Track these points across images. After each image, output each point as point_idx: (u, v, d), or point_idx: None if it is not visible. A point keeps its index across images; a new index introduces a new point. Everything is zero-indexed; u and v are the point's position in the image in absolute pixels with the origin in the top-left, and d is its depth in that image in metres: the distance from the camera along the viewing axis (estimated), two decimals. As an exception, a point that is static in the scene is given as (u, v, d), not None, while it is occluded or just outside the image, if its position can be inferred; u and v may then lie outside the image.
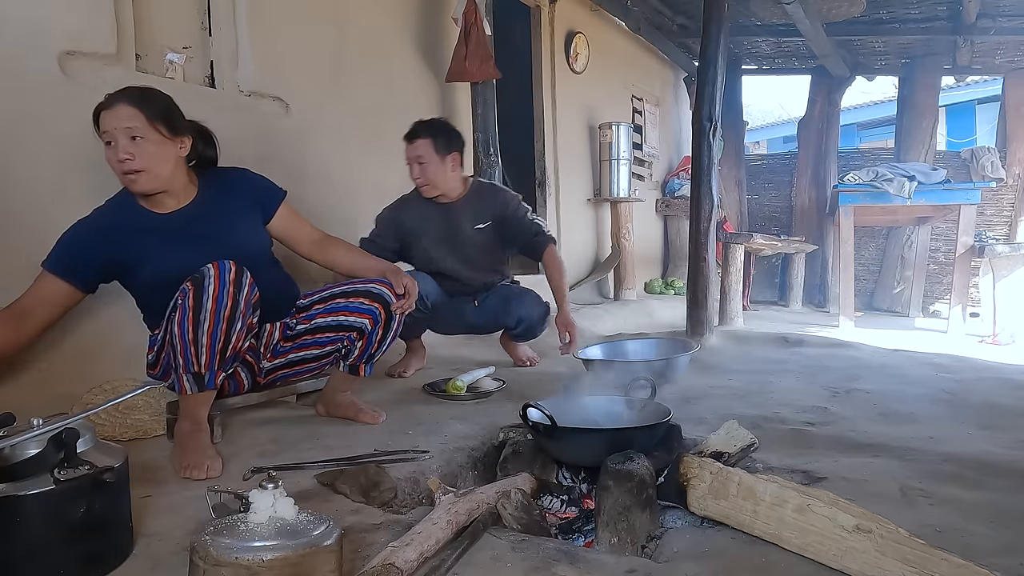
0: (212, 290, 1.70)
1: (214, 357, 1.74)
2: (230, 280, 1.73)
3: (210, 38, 2.80)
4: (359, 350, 2.11)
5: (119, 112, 1.75)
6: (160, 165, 1.80)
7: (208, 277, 1.71)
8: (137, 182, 1.79)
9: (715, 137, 3.82)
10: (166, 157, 1.82)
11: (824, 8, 5.33)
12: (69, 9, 2.24)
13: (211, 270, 1.72)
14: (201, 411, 1.81)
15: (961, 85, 10.14)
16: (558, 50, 5.35)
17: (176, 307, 1.73)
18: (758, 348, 3.91)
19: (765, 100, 15.59)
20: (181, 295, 1.72)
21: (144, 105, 1.77)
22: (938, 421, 2.24)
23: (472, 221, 2.96)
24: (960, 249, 4.75)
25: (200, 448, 1.72)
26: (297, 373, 2.19)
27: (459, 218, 2.96)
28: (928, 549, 1.09)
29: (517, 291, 3.15)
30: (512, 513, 1.37)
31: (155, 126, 1.78)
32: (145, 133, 1.76)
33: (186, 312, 1.70)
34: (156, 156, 1.79)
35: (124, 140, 1.74)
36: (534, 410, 1.68)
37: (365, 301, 2.05)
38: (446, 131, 2.89)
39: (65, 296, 1.84)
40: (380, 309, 2.05)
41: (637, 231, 5.93)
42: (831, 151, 7.57)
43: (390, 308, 2.05)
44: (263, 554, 0.96)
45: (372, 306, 2.04)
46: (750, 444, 1.74)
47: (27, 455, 1.10)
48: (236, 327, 1.76)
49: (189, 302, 1.70)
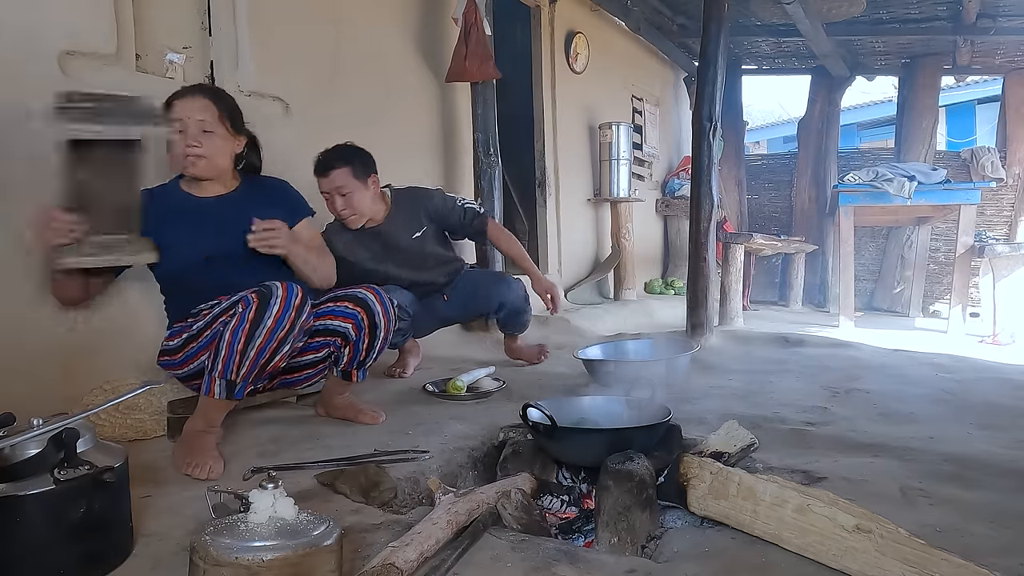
0: (276, 310, 1.74)
1: (253, 371, 1.77)
2: (295, 305, 1.77)
3: (210, 38, 2.80)
4: (347, 356, 2.10)
5: (196, 103, 1.91)
6: (220, 157, 1.96)
7: (276, 296, 1.75)
8: (197, 165, 1.92)
9: (715, 137, 3.82)
10: (226, 151, 1.98)
11: (824, 8, 5.32)
12: (69, 9, 2.24)
13: (279, 290, 1.76)
14: (218, 415, 1.83)
15: (961, 85, 10.13)
16: (558, 50, 5.35)
17: (235, 314, 1.76)
18: (758, 348, 3.91)
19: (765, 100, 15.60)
20: (243, 304, 1.75)
21: (218, 101, 1.95)
22: (938, 421, 2.24)
23: (407, 232, 2.85)
24: (960, 249, 4.75)
25: (206, 448, 1.74)
26: (297, 381, 2.19)
27: (395, 236, 2.82)
28: (928, 549, 1.09)
29: (486, 276, 3.16)
30: (512, 513, 1.37)
31: (223, 121, 1.94)
32: (214, 127, 1.92)
33: (243, 322, 1.73)
34: (219, 148, 1.95)
35: (195, 129, 1.90)
36: (534, 410, 1.69)
37: (349, 305, 2.05)
38: (359, 154, 2.70)
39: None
40: (362, 314, 2.04)
41: (637, 231, 5.93)
42: (831, 151, 7.57)
43: (373, 313, 2.05)
44: (263, 554, 0.96)
45: (354, 310, 2.04)
46: (750, 444, 1.74)
47: (27, 455, 1.10)
48: (284, 350, 1.80)
49: (250, 313, 1.73)
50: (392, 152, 3.68)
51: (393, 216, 2.83)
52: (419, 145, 3.95)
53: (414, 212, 2.87)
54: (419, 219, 2.87)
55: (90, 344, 2.29)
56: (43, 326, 2.18)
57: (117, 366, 2.30)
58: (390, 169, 3.65)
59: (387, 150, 3.64)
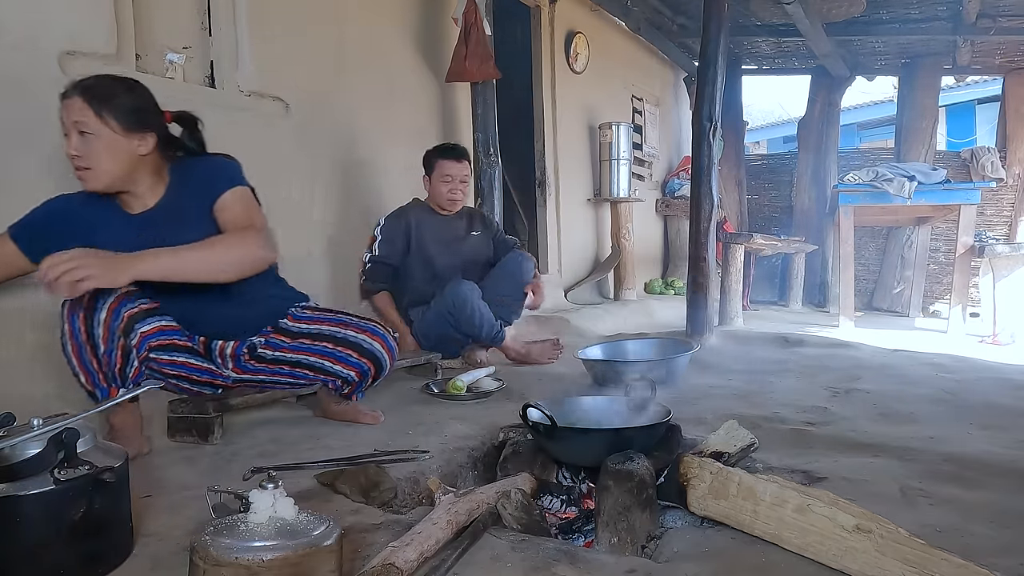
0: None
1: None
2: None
3: (210, 38, 2.80)
4: (350, 389, 2.09)
5: (71, 105, 1.63)
6: (108, 163, 1.67)
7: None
8: (85, 180, 1.68)
9: (715, 137, 3.82)
10: (116, 155, 1.67)
11: (824, 8, 5.33)
12: (69, 9, 2.24)
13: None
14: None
15: (961, 85, 10.13)
16: (558, 50, 5.35)
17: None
18: (758, 348, 3.91)
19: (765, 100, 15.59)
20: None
21: (94, 98, 1.63)
22: (938, 421, 2.24)
23: (468, 229, 3.29)
24: (960, 249, 4.75)
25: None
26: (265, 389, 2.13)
27: (458, 225, 3.26)
28: (928, 549, 1.09)
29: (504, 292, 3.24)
30: (512, 513, 1.37)
31: (105, 121, 1.64)
32: (94, 129, 1.63)
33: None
34: (104, 154, 1.65)
35: (74, 135, 1.64)
36: (534, 410, 1.68)
37: (354, 354, 2.02)
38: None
39: (12, 259, 1.76)
40: (369, 365, 2.04)
41: (637, 231, 5.93)
42: (831, 151, 7.56)
43: (381, 366, 2.05)
44: (263, 554, 0.96)
45: (360, 361, 2.03)
46: (750, 444, 1.74)
47: (27, 455, 1.10)
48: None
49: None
50: (392, 152, 3.68)
51: (460, 214, 3.29)
52: (419, 145, 3.94)
53: (477, 221, 3.35)
54: (479, 226, 3.34)
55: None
56: (43, 326, 2.18)
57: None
58: (390, 169, 3.66)
59: (387, 150, 3.65)
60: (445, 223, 3.22)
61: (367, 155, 3.55)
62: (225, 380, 2.03)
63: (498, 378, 2.72)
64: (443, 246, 3.17)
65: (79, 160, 1.65)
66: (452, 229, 3.23)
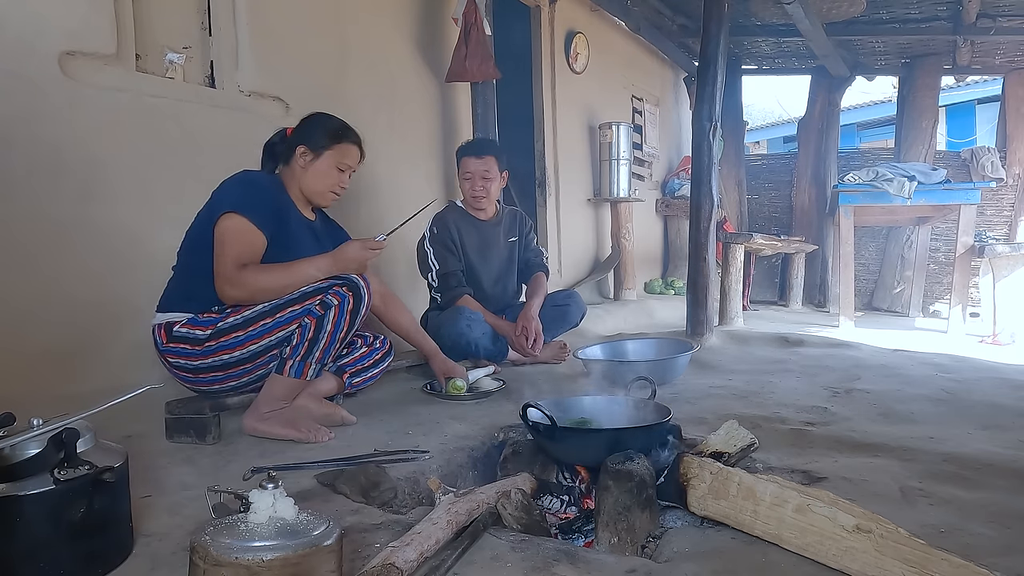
0: (367, 300, 2.05)
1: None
2: (371, 294, 2.08)
3: (210, 38, 2.80)
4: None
5: (358, 154, 2.31)
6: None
7: (364, 289, 2.02)
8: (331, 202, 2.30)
9: (715, 137, 3.82)
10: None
11: (824, 8, 5.33)
12: (69, 9, 2.24)
13: (364, 286, 2.03)
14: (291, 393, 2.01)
15: (961, 85, 10.14)
16: (558, 50, 5.35)
17: (331, 305, 1.96)
18: (758, 348, 3.91)
19: (765, 100, 15.60)
20: (337, 296, 1.97)
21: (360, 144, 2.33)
22: (938, 421, 2.24)
23: (507, 235, 3.26)
24: (960, 249, 4.75)
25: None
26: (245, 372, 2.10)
27: (496, 232, 3.23)
28: (928, 549, 1.09)
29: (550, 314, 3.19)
30: (512, 513, 1.37)
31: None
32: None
33: (343, 314, 1.98)
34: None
35: (347, 175, 2.27)
36: (534, 410, 1.68)
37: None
38: (503, 152, 3.22)
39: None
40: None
41: (637, 231, 5.93)
42: (831, 151, 7.57)
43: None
44: (263, 554, 0.96)
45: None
46: (750, 444, 1.74)
47: (27, 455, 1.10)
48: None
49: (349, 305, 1.99)
50: (392, 152, 3.68)
51: (498, 218, 3.25)
52: (419, 145, 3.95)
53: (513, 225, 3.30)
54: (514, 231, 3.29)
55: (90, 344, 2.29)
56: (44, 326, 2.18)
57: (117, 366, 2.30)
58: (390, 169, 3.66)
59: (387, 150, 3.64)
60: (484, 229, 3.18)
61: (367, 155, 3.54)
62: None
63: (498, 378, 2.72)
64: (481, 255, 3.15)
65: (342, 191, 2.30)
66: (491, 236, 3.20)
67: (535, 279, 3.25)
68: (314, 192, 2.23)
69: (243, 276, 1.96)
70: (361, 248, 2.08)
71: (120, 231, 2.39)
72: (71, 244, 2.25)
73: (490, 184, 3.09)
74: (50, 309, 2.20)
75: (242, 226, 1.98)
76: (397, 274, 3.54)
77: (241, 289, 1.97)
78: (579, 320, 3.33)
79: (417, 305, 3.31)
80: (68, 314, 2.23)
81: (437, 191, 4.04)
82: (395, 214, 3.55)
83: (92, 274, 2.31)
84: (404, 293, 3.50)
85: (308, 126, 2.25)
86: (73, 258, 2.26)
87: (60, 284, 2.22)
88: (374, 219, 3.29)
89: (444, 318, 2.94)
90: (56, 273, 2.21)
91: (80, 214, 2.28)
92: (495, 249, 3.20)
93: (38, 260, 2.18)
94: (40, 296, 2.18)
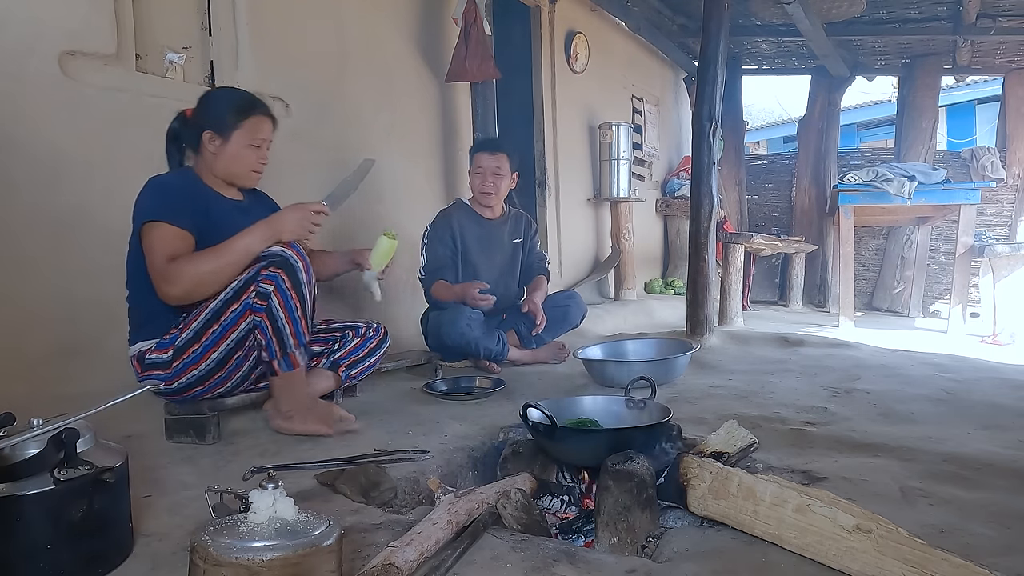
0: (303, 268, 1.91)
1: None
2: (305, 261, 1.94)
3: (210, 38, 2.80)
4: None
5: (271, 124, 2.09)
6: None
7: (296, 258, 1.89)
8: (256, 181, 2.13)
9: (715, 137, 3.82)
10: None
11: (824, 8, 5.32)
12: (69, 9, 2.24)
13: (292, 255, 1.89)
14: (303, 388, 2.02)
15: (961, 85, 10.13)
16: (558, 50, 5.35)
17: (268, 293, 1.86)
18: (758, 348, 3.91)
19: (765, 100, 15.60)
20: (269, 281, 1.86)
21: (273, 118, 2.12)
22: (938, 421, 2.24)
23: (511, 236, 3.28)
24: (960, 249, 4.75)
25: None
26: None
27: (502, 231, 3.24)
28: (928, 549, 1.09)
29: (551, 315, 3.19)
30: (512, 513, 1.37)
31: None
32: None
33: (285, 294, 1.87)
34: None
35: (266, 149, 2.08)
36: (534, 410, 1.68)
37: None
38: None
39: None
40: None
41: (637, 231, 5.93)
42: (831, 151, 7.57)
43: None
44: (263, 554, 0.96)
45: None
46: (750, 444, 1.74)
47: (27, 455, 1.10)
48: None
49: (285, 283, 1.87)
50: (392, 152, 3.68)
51: (504, 218, 3.26)
52: (419, 145, 3.95)
53: (519, 226, 3.31)
54: (519, 232, 3.31)
55: (90, 344, 2.29)
56: (44, 326, 2.18)
57: (117, 366, 2.29)
58: (390, 169, 3.66)
59: (387, 150, 3.64)
60: (488, 227, 3.19)
61: (367, 155, 3.54)
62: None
63: (498, 378, 2.72)
64: (483, 253, 3.16)
65: (263, 166, 2.10)
66: (495, 234, 3.21)
67: (536, 280, 3.27)
68: (233, 176, 2.06)
69: (176, 268, 1.83)
70: (299, 212, 1.98)
71: (120, 231, 2.38)
72: (71, 244, 2.25)
73: (500, 181, 3.12)
74: (50, 309, 2.20)
75: (164, 232, 1.86)
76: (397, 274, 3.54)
77: (178, 282, 1.84)
78: (580, 320, 3.33)
79: (417, 305, 3.31)
80: (68, 314, 2.23)
81: (437, 190, 4.04)
82: (396, 214, 3.57)
83: (92, 274, 2.30)
84: (404, 293, 3.51)
85: (209, 107, 2.04)
86: (73, 258, 2.26)
87: (60, 284, 2.22)
88: (374, 219, 3.29)
89: (444, 318, 2.93)
90: (56, 273, 2.21)
91: (80, 214, 2.28)
92: (498, 247, 3.21)
93: (38, 260, 2.18)
94: (40, 296, 2.18)
